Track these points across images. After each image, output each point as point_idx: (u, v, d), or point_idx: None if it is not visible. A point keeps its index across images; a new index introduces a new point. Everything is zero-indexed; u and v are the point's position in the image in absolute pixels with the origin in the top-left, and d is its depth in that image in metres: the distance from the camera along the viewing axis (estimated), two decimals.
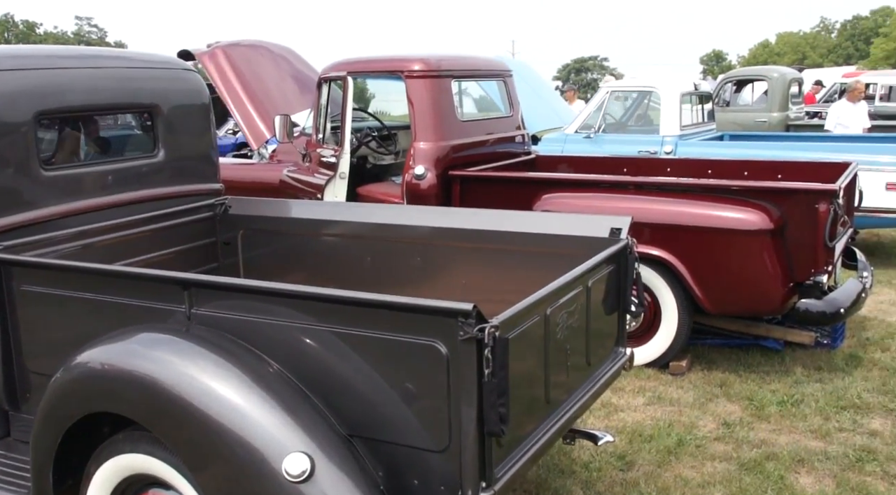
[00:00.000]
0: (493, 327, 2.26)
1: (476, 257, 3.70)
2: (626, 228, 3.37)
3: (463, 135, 6.07)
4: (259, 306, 2.67)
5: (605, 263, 3.21)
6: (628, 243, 3.32)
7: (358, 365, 2.53)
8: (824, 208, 4.80)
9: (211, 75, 6.78)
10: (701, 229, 4.94)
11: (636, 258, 3.34)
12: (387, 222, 3.88)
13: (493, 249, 3.64)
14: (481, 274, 3.72)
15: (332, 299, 2.53)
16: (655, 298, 5.23)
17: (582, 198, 5.37)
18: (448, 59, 6.14)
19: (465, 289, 3.74)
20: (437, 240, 3.78)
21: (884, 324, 6.32)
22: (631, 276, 3.34)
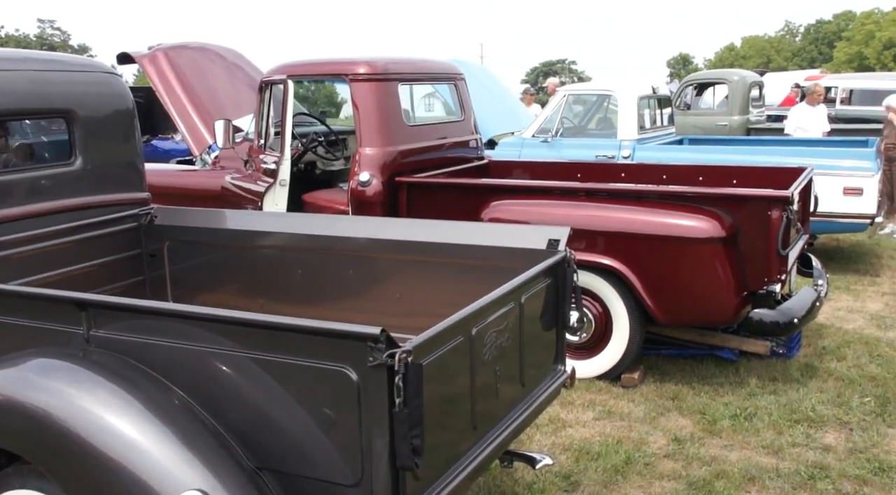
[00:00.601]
0: (404, 353, 2.07)
1: (411, 269, 3.52)
2: (564, 239, 3.20)
3: (411, 141, 5.88)
4: (162, 328, 2.46)
5: (541, 277, 3.04)
6: (566, 255, 3.15)
7: (267, 391, 2.34)
8: (777, 215, 4.67)
9: (151, 79, 6.54)
10: (651, 237, 4.79)
11: (575, 271, 3.17)
12: (317, 233, 3.68)
13: (429, 261, 3.45)
14: (416, 287, 3.53)
15: (237, 322, 2.33)
16: (606, 309, 5.07)
17: (530, 205, 5.20)
18: (395, 62, 5.95)
19: (399, 304, 3.55)
20: (370, 251, 3.59)
21: (840, 332, 6.21)
22: (569, 290, 3.16)
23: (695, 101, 13.51)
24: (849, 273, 8.11)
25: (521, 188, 5.45)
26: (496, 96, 10.30)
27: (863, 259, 8.70)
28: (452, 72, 6.60)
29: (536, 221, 5.06)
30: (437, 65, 6.50)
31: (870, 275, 8.02)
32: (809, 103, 10.57)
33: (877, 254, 8.92)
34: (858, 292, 7.39)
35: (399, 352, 2.06)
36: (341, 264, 3.64)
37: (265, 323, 2.29)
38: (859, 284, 7.67)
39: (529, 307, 2.94)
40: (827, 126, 10.66)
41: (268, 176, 5.67)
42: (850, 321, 6.55)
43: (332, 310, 3.66)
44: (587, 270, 5.00)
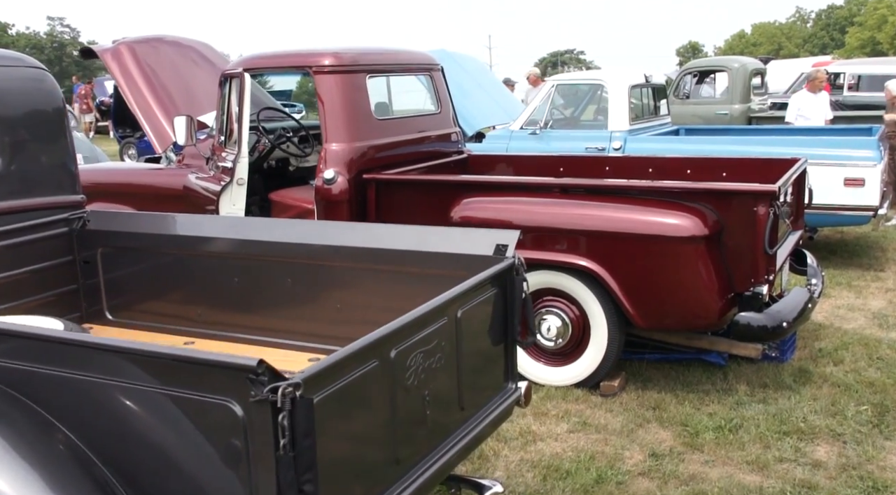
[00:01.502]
0: (290, 386, 1.77)
1: (352, 277, 3.22)
2: (512, 244, 2.89)
3: (381, 135, 5.57)
4: (36, 353, 2.17)
5: (485, 286, 2.73)
6: (514, 262, 2.84)
7: (154, 427, 2.06)
8: (763, 211, 4.34)
9: (113, 74, 6.25)
10: (628, 236, 4.47)
11: (524, 279, 2.86)
12: (254, 238, 3.39)
13: (370, 269, 3.15)
14: (358, 296, 3.23)
15: (113, 349, 2.04)
16: (583, 312, 4.75)
17: (502, 202, 4.89)
18: (362, 53, 5.64)
19: (339, 313, 3.26)
20: (309, 257, 3.29)
21: (839, 332, 5.88)
22: (518, 300, 2.85)
23: (695, 90, 13.15)
24: (851, 267, 7.75)
25: (493, 184, 5.14)
26: (485, 88, 9.98)
27: (867, 253, 8.34)
28: (428, 62, 6.28)
29: (507, 219, 4.76)
30: (410, 55, 6.18)
31: (874, 269, 7.66)
32: (810, 90, 10.20)
33: (882, 248, 8.56)
34: (861, 288, 7.04)
35: (283, 386, 1.77)
36: (279, 271, 3.35)
37: (148, 352, 2.00)
38: (862, 280, 7.32)
39: (469, 321, 2.64)
40: (829, 113, 10.28)
41: (226, 174, 5.37)
42: (850, 320, 6.20)
43: (270, 320, 3.37)
44: (562, 271, 4.70)
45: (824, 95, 10.32)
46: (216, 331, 3.48)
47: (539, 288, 4.83)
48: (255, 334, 3.39)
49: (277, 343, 3.32)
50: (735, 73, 12.09)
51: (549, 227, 4.65)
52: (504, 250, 2.86)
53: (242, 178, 5.30)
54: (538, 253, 4.68)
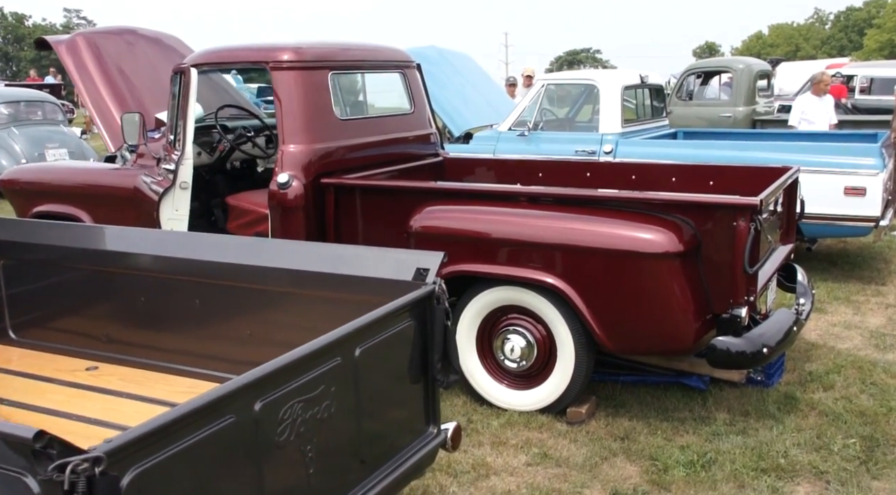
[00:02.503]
0: (85, 462, 1.42)
1: (263, 300, 2.87)
2: (434, 269, 2.53)
3: (344, 137, 5.22)
4: None
5: (400, 316, 2.37)
6: (434, 289, 2.48)
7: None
8: (743, 227, 3.96)
9: (67, 67, 5.92)
10: (597, 251, 4.10)
11: (447, 309, 2.50)
12: (162, 254, 3.04)
13: (282, 292, 2.80)
14: (272, 322, 2.88)
15: None
16: (550, 332, 4.39)
17: (465, 211, 4.53)
18: (325, 49, 5.28)
19: (250, 341, 2.91)
20: (218, 277, 2.94)
21: (832, 352, 5.48)
22: (439, 333, 2.49)
23: (700, 91, 12.72)
24: (851, 280, 7.34)
25: (455, 192, 4.77)
26: (477, 87, 9.61)
27: (869, 264, 7.93)
28: (400, 59, 5.92)
29: (468, 230, 4.41)
30: (380, 52, 5.82)
31: (875, 283, 7.25)
32: (815, 93, 9.78)
33: (885, 259, 8.13)
34: (859, 304, 6.64)
35: (74, 462, 1.41)
36: (185, 291, 3.00)
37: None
38: (861, 294, 6.92)
39: (374, 358, 2.28)
40: (835, 118, 9.86)
41: (169, 177, 5.03)
42: (845, 339, 5.81)
43: (178, 343, 3.02)
44: (527, 288, 4.34)
45: (830, 99, 9.90)
46: (122, 355, 3.14)
47: (503, 304, 4.48)
48: (162, 359, 3.05)
49: (184, 370, 2.98)
50: (739, 74, 11.67)
51: (511, 240, 4.29)
52: (424, 275, 2.50)
53: (186, 182, 4.95)
54: (501, 267, 4.33)
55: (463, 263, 4.41)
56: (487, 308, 4.52)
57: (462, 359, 4.62)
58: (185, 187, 4.94)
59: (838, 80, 16.25)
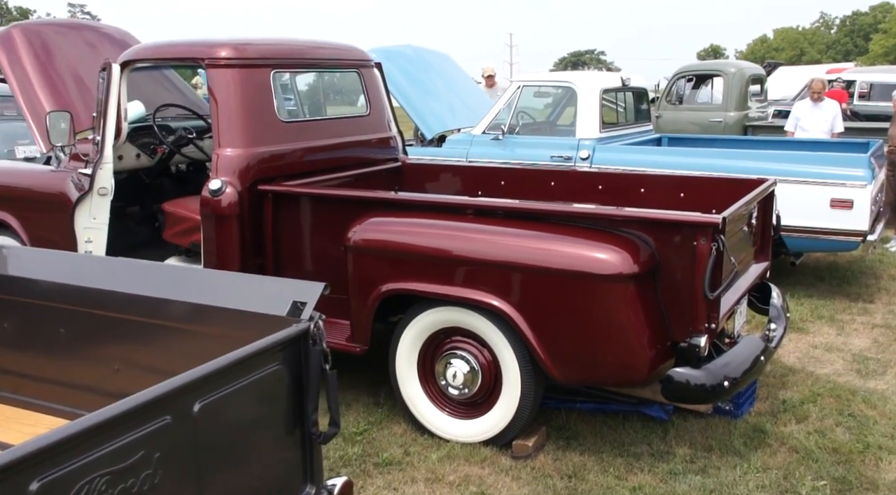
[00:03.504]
0: None
1: (132, 332, 2.50)
2: (312, 302, 2.16)
3: (287, 140, 4.86)
4: None
5: (265, 359, 2.01)
6: (309, 328, 2.11)
7: None
8: (703, 247, 3.59)
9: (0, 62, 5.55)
10: (543, 271, 3.73)
11: (325, 351, 2.13)
12: (19, 275, 2.67)
13: (148, 323, 2.43)
14: (140, 356, 2.52)
15: None
16: (496, 358, 4.02)
17: (406, 224, 4.17)
18: (268, 45, 4.92)
19: (117, 378, 2.54)
20: (82, 303, 2.57)
21: (810, 378, 5.11)
22: (315, 380, 2.12)
23: (691, 95, 12.33)
24: (837, 297, 6.96)
25: (398, 202, 4.41)
26: (454, 88, 9.23)
27: (858, 280, 7.55)
28: (356, 58, 5.56)
29: (408, 244, 4.05)
30: (333, 50, 5.45)
31: (862, 300, 6.87)
32: (811, 100, 9.38)
33: (875, 274, 7.75)
34: (844, 324, 6.26)
35: None
36: (50, 318, 2.63)
37: None
38: (847, 312, 6.54)
39: (226, 413, 1.91)
40: (839, 126, 9.43)
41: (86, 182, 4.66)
42: (825, 363, 5.43)
43: (36, 381, 2.66)
44: (471, 309, 3.97)
45: (832, 106, 9.48)
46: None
47: (446, 326, 4.11)
48: (15, 391, 2.68)
49: (37, 404, 2.61)
50: (731, 78, 11.28)
51: (452, 257, 3.93)
52: (300, 310, 2.13)
53: (105, 188, 4.59)
54: (440, 286, 3.97)
55: (401, 281, 4.05)
56: (429, 329, 4.15)
57: (402, 384, 4.27)
58: (103, 193, 4.58)
59: (839, 85, 15.88)
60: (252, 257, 4.63)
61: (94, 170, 4.57)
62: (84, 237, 4.60)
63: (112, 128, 4.57)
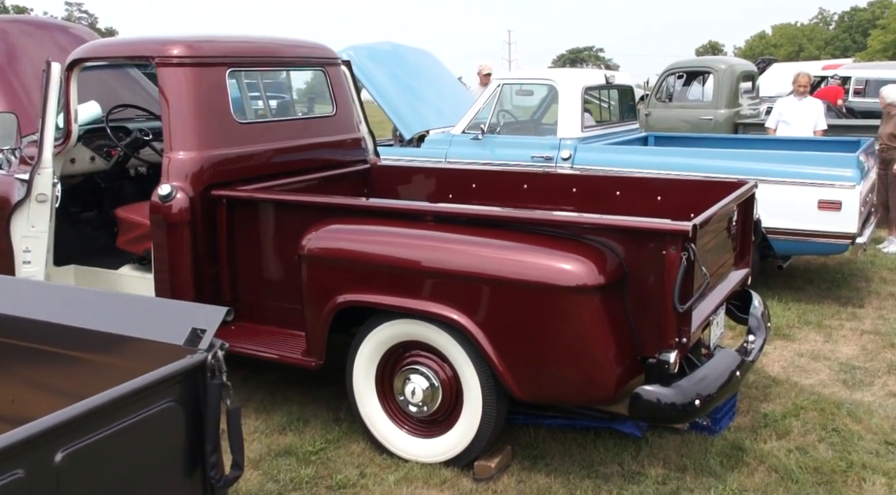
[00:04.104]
0: None
1: (24, 360, 2.26)
2: (212, 330, 1.93)
3: (244, 143, 4.63)
4: None
5: (156, 396, 1.78)
6: (206, 360, 1.88)
7: None
8: (673, 256, 3.36)
9: None
10: (503, 282, 3.50)
11: (225, 385, 1.90)
12: None
13: (37, 350, 2.20)
14: (36, 387, 2.28)
15: None
16: (456, 374, 3.79)
17: (361, 231, 3.94)
18: (224, 43, 4.69)
19: (13, 409, 2.30)
20: None
21: (794, 390, 4.88)
22: (214, 417, 1.89)
23: (682, 92, 12.09)
24: (826, 301, 6.74)
25: (354, 208, 4.17)
26: (436, 86, 8.99)
27: (848, 283, 7.32)
28: (320, 56, 5.32)
29: (363, 253, 3.83)
30: (296, 47, 5.21)
31: (851, 305, 6.65)
32: (795, 95, 9.16)
33: (866, 277, 7.52)
34: (832, 330, 6.03)
35: None
36: None
37: None
38: (836, 318, 6.31)
39: (100, 460, 1.68)
40: (822, 123, 9.21)
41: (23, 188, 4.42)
42: (810, 373, 5.20)
43: None
44: (430, 321, 3.74)
45: (815, 102, 9.27)
46: None
47: (405, 340, 3.89)
48: None
49: None
50: (721, 75, 11.04)
51: (408, 266, 3.70)
52: (199, 338, 1.90)
53: (44, 194, 4.35)
54: (397, 298, 3.74)
55: (355, 292, 3.83)
56: (387, 343, 3.93)
57: (360, 401, 4.05)
58: (42, 200, 4.34)
59: (835, 82, 15.65)
60: (206, 266, 4.41)
61: (32, 175, 4.33)
62: (22, 246, 4.37)
63: (51, 131, 4.34)
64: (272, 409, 4.52)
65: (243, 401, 4.61)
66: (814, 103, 9.17)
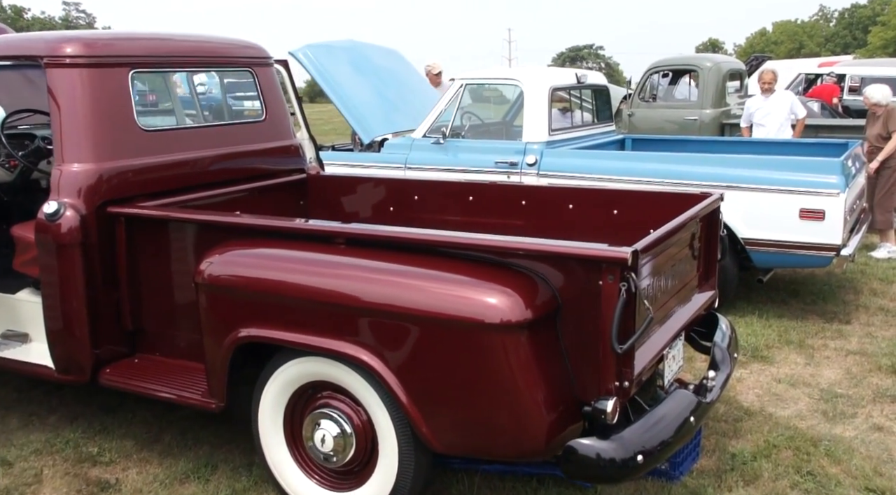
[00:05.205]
0: None
1: None
2: None
3: (150, 153, 4.15)
4: None
5: None
6: None
7: None
8: (610, 288, 2.87)
9: None
10: (416, 318, 3.01)
11: None
12: None
13: None
14: None
15: None
16: (369, 417, 3.30)
17: (262, 256, 3.45)
18: (125, 41, 4.21)
19: None
20: None
21: (768, 423, 4.40)
22: None
23: (666, 92, 11.59)
24: (810, 317, 6.25)
25: (257, 228, 3.68)
26: (400, 88, 8.48)
27: (834, 296, 6.82)
28: (247, 55, 4.84)
29: (260, 281, 3.34)
30: (217, 46, 4.72)
31: (837, 321, 6.16)
32: (762, 93, 8.69)
33: (855, 289, 7.03)
34: (815, 350, 5.54)
35: None
36: None
37: None
38: (820, 336, 5.82)
39: None
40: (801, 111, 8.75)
41: None
42: (787, 402, 4.72)
43: None
44: (338, 360, 3.26)
45: (783, 95, 8.78)
46: None
47: (313, 380, 3.40)
48: None
49: None
50: (706, 73, 10.55)
51: (310, 297, 3.22)
52: None
53: None
54: (299, 334, 3.25)
55: (255, 327, 3.34)
56: (295, 383, 3.45)
57: (266, 448, 3.57)
58: None
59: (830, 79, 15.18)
60: (104, 292, 3.93)
61: None
62: None
63: None
64: (179, 453, 4.03)
65: (150, 443, 4.13)
66: (783, 97, 8.71)
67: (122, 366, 3.96)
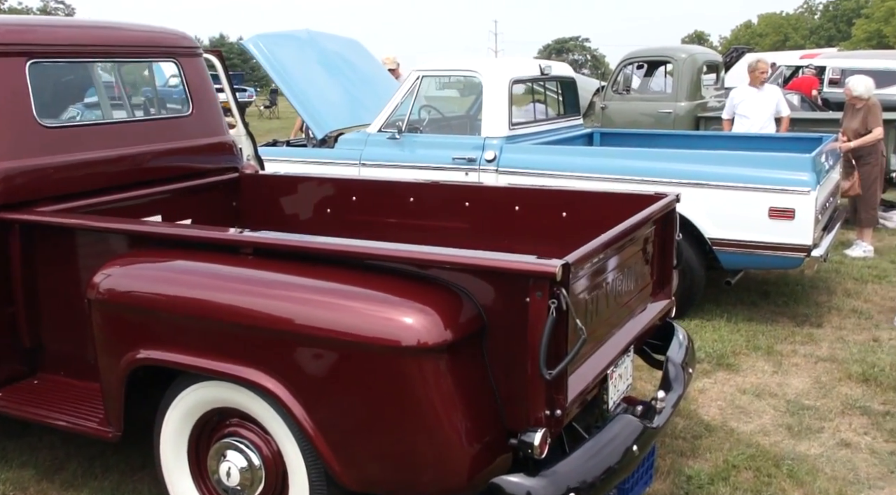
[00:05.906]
0: None
1: None
2: None
3: (54, 151, 3.79)
4: None
5: None
6: None
7: None
8: (538, 306, 2.53)
9: None
10: (322, 340, 2.67)
11: None
12: None
13: None
14: None
15: None
16: (278, 449, 2.96)
17: (159, 268, 3.10)
18: (21, 28, 3.84)
19: None
20: None
21: (730, 439, 4.09)
22: None
23: (640, 84, 11.27)
24: (781, 320, 5.95)
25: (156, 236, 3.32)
26: (361, 80, 8.10)
27: (807, 297, 6.53)
28: (168, 45, 4.47)
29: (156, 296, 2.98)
30: (132, 34, 4.35)
31: (808, 324, 5.86)
32: (752, 84, 8.39)
33: (828, 289, 6.73)
34: (783, 357, 5.24)
35: None
36: None
37: None
38: (789, 341, 5.52)
39: None
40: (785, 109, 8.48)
41: None
42: (752, 416, 4.41)
43: None
44: (239, 385, 2.91)
45: (773, 90, 8.52)
46: None
47: (218, 406, 3.05)
48: None
49: None
50: (681, 65, 10.23)
51: (208, 315, 2.87)
52: None
53: None
54: (196, 357, 2.90)
55: (151, 348, 2.99)
56: (199, 409, 3.10)
57: (170, 481, 3.23)
58: None
59: (810, 72, 14.92)
60: None
61: None
62: None
63: None
64: (82, 484, 3.67)
65: (52, 472, 3.77)
66: (772, 91, 8.43)
67: (18, 389, 3.61)
